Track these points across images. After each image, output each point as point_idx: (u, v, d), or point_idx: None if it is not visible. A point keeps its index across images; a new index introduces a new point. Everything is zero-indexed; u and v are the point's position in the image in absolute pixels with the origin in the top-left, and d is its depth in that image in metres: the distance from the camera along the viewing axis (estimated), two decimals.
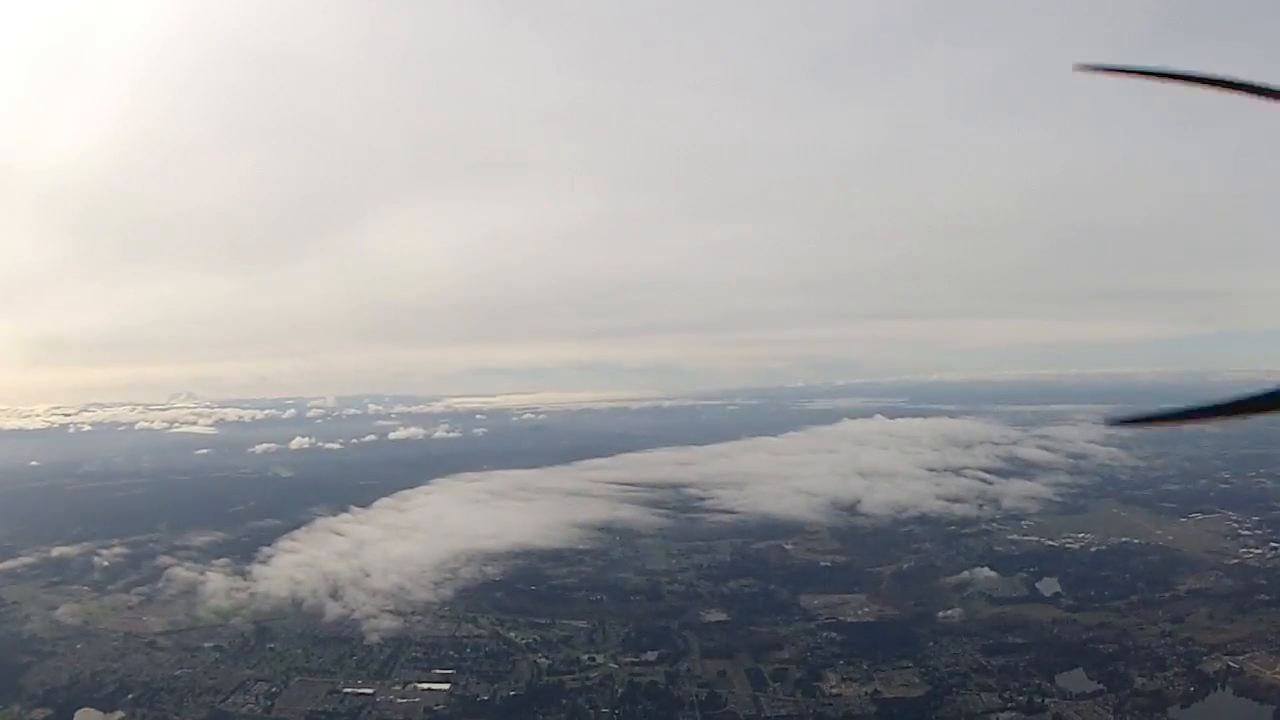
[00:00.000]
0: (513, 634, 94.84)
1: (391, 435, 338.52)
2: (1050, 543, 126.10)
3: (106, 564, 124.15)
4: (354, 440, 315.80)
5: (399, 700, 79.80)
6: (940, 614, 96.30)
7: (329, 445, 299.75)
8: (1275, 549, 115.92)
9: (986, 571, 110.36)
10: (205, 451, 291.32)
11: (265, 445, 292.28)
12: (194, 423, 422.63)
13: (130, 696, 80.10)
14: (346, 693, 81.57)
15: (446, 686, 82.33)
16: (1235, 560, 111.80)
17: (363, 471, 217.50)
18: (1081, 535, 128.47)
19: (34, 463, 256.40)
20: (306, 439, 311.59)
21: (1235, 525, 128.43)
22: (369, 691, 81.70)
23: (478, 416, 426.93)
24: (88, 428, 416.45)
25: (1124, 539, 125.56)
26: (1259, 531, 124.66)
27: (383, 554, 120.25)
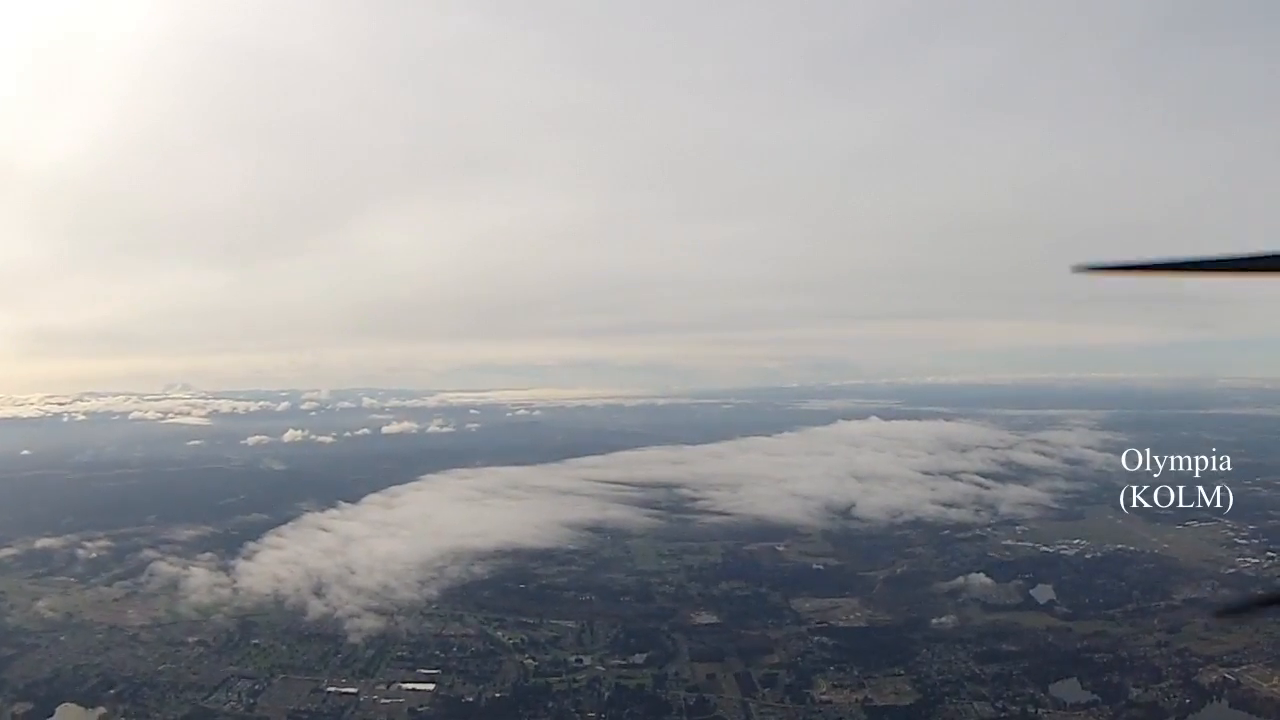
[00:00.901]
0: (500, 634, 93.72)
1: (385, 429, 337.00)
2: (1045, 549, 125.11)
3: (92, 556, 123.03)
4: (347, 433, 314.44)
5: (383, 700, 78.79)
6: (933, 620, 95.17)
7: (322, 438, 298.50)
8: (1271, 558, 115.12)
9: (981, 578, 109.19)
10: (198, 443, 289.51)
11: (258, 437, 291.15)
12: (188, 414, 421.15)
13: (112, 692, 79.34)
14: (330, 691, 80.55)
15: (431, 687, 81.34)
16: (1231, 570, 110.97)
17: (354, 465, 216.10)
18: (1077, 542, 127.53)
19: (26, 451, 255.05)
20: (300, 431, 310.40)
21: (1231, 534, 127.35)
22: (353, 691, 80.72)
23: (472, 412, 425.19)
24: (81, 417, 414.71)
25: (1120, 546, 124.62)
26: (1255, 541, 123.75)
27: (368, 551, 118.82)
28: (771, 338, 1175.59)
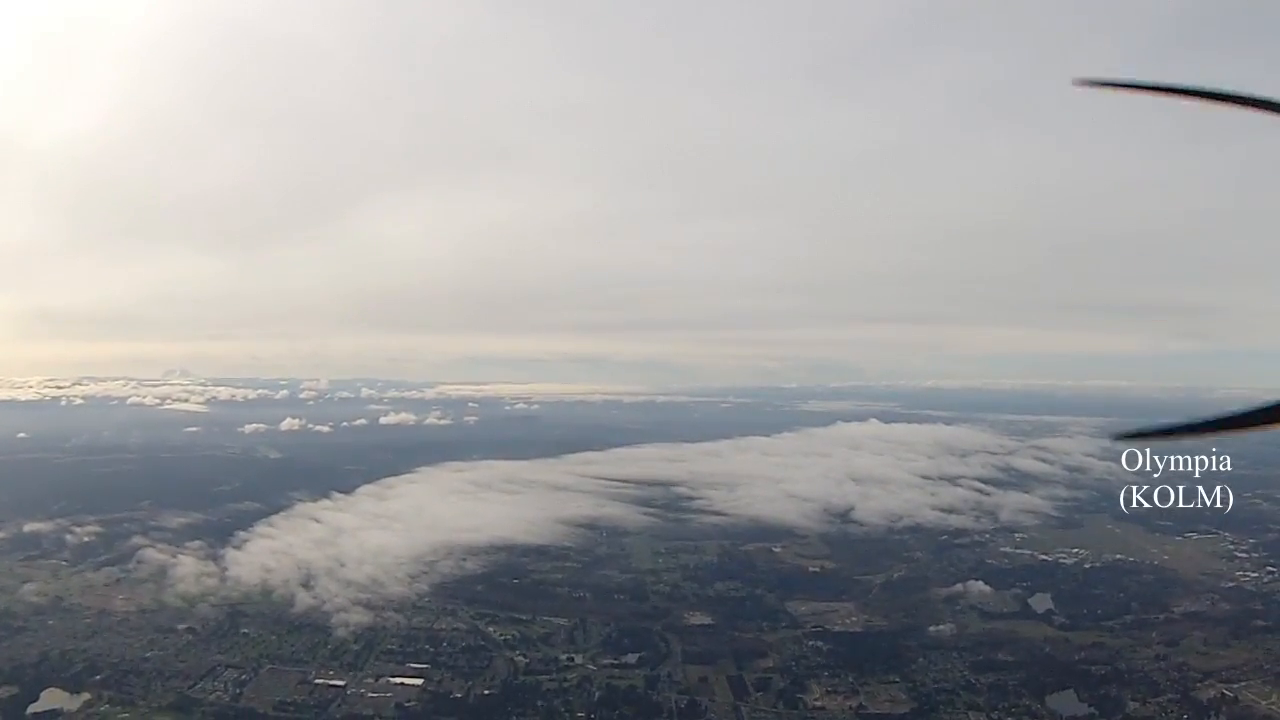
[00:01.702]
0: (491, 630, 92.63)
1: (382, 420, 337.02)
2: (1044, 557, 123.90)
3: (82, 541, 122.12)
4: (344, 424, 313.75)
5: (370, 694, 77.76)
6: (930, 627, 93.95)
7: (319, 428, 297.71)
8: (1271, 573, 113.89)
9: (979, 585, 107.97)
10: (194, 429, 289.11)
11: (255, 425, 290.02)
12: (186, 400, 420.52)
13: (98, 677, 78.38)
14: (317, 683, 79.56)
15: (420, 681, 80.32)
16: (1231, 583, 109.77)
17: (350, 456, 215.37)
18: (1076, 551, 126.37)
19: (22, 434, 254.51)
20: (297, 420, 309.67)
21: (1231, 547, 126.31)
22: (340, 684, 79.68)
23: (470, 404, 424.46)
24: (79, 401, 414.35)
25: (1118, 556, 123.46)
26: (1255, 555, 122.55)
27: (359, 543, 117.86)
28: (771, 338, 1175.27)
